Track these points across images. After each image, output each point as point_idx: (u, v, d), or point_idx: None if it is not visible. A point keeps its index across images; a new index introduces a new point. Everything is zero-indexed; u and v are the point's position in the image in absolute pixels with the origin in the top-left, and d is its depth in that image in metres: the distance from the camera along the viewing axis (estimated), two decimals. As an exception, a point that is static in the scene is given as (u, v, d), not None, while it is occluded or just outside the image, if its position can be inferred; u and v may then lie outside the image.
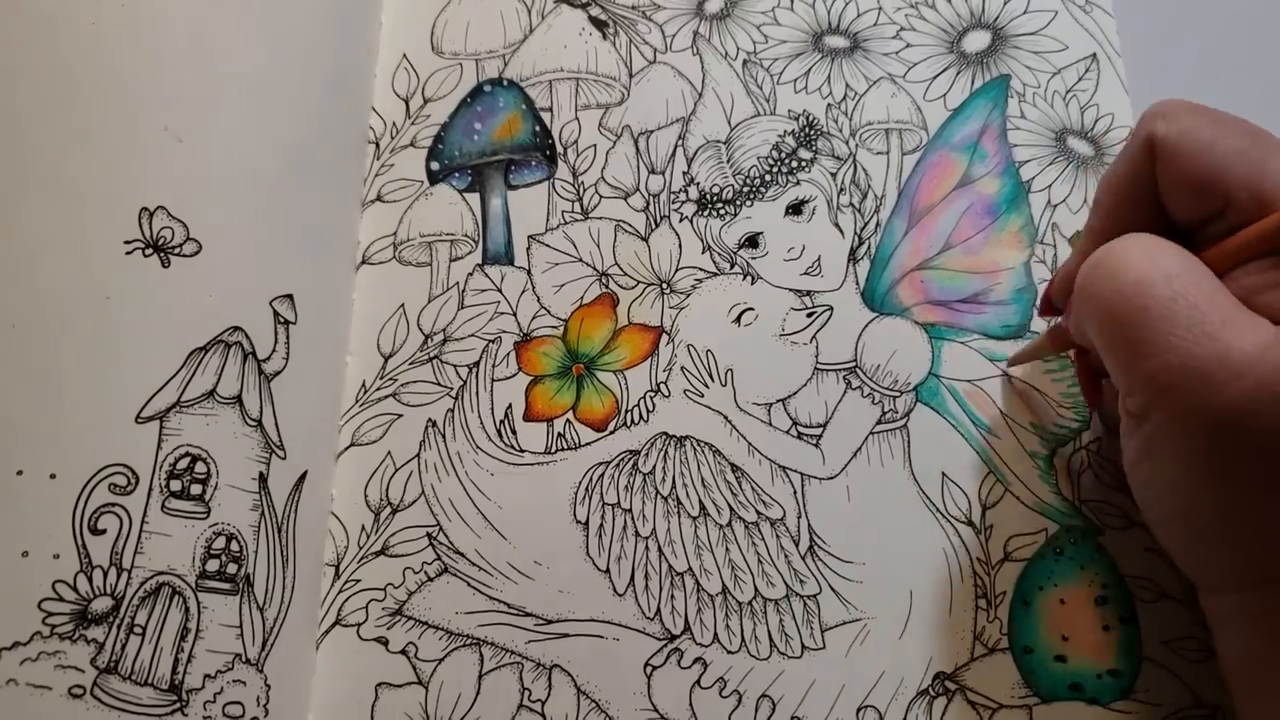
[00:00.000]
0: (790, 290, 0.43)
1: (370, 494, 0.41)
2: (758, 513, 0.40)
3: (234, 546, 0.35)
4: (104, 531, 0.33)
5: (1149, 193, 0.32)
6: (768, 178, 0.45)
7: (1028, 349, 0.40)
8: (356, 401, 0.42)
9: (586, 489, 0.40)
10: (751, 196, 0.45)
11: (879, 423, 0.41)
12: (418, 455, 0.41)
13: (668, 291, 0.43)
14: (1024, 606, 0.38)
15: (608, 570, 0.39)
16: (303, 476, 0.39)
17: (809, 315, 0.42)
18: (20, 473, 0.32)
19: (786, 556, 0.39)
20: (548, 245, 0.44)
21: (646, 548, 0.39)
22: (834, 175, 0.45)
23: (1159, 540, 0.32)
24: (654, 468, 0.40)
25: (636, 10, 0.48)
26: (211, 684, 0.34)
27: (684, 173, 0.45)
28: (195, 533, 0.35)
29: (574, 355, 0.42)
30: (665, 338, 0.42)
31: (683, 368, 0.42)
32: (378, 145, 0.47)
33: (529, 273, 0.44)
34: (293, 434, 0.38)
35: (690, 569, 0.39)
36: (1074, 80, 0.46)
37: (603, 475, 0.40)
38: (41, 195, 0.36)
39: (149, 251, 0.36)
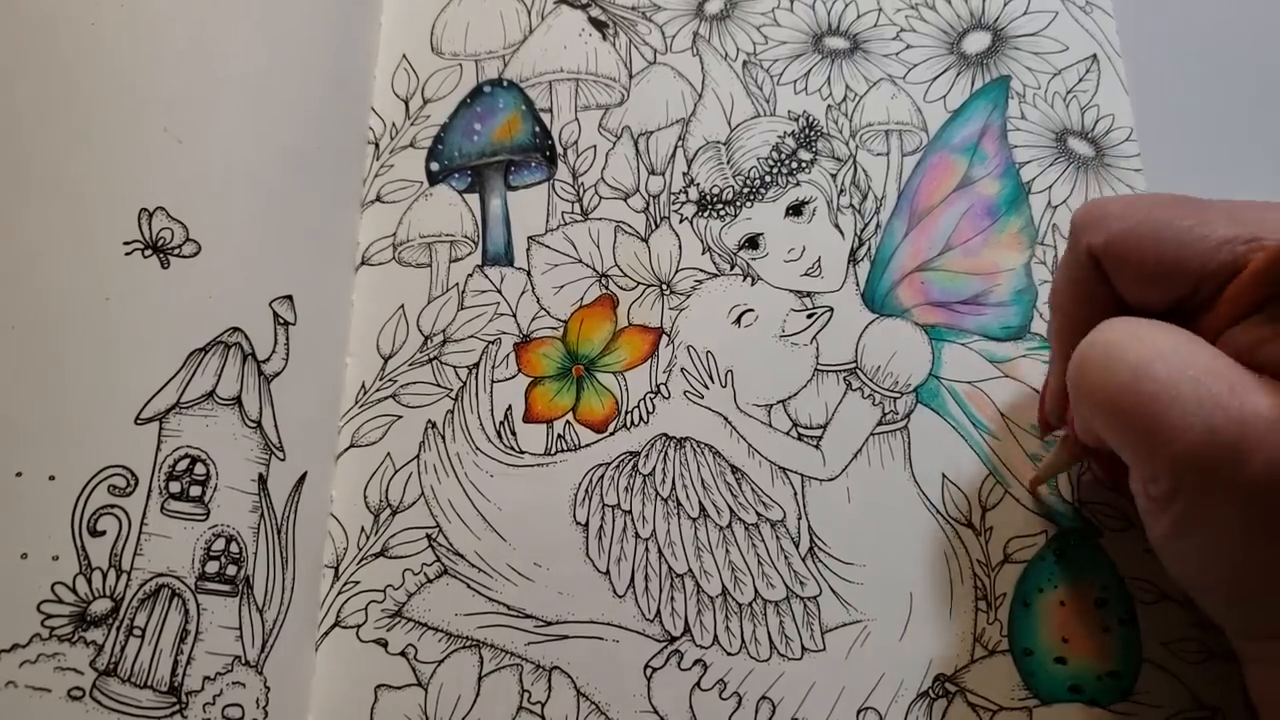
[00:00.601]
0: (790, 291, 0.43)
1: (370, 495, 0.41)
2: (758, 514, 0.40)
3: (233, 548, 0.35)
4: (103, 533, 0.33)
5: (1105, 299, 0.32)
6: (768, 179, 0.45)
7: (1047, 467, 0.38)
8: (356, 403, 0.42)
9: (586, 490, 0.40)
10: (751, 197, 0.45)
11: (879, 424, 0.41)
12: (417, 456, 0.41)
13: (668, 292, 0.43)
14: (1024, 608, 0.38)
15: (607, 572, 0.39)
16: (302, 478, 0.39)
17: (809, 316, 0.42)
18: (19, 474, 0.32)
19: (786, 558, 0.39)
20: (547, 246, 0.44)
21: (646, 549, 0.39)
22: (834, 176, 0.45)
23: (1197, 600, 0.32)
24: (654, 469, 0.40)
25: (636, 11, 0.48)
26: (211, 686, 0.34)
27: (684, 174, 0.45)
28: (195, 534, 0.35)
29: (574, 356, 0.42)
30: (665, 339, 0.42)
31: (683, 369, 0.42)
32: (377, 146, 0.46)
33: (529, 274, 0.44)
34: (292, 435, 0.38)
35: (690, 570, 0.39)
36: (1074, 81, 0.46)
37: (602, 477, 0.40)
38: (41, 196, 0.36)
39: (148, 252, 0.36)
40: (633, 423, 0.41)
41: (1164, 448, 0.27)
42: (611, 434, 0.41)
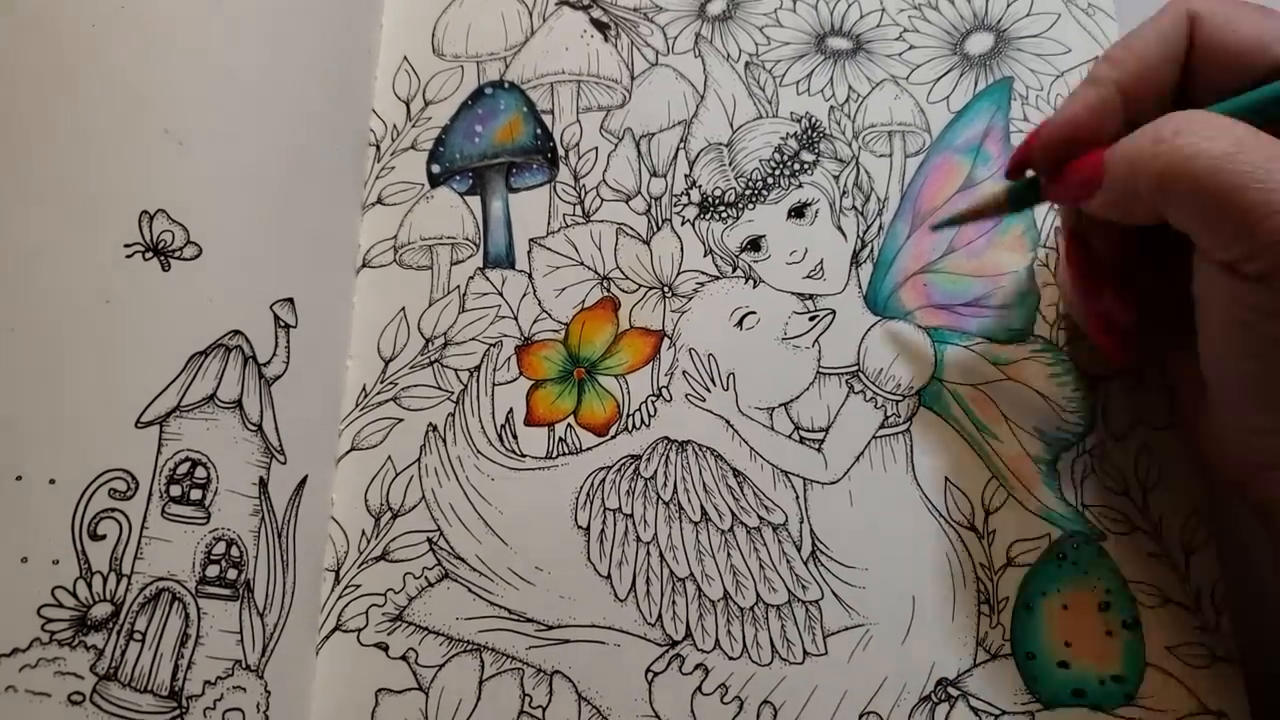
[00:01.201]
0: (792, 294, 0.43)
1: (371, 499, 0.41)
2: (760, 518, 0.40)
3: (234, 552, 0.35)
4: (104, 537, 0.33)
5: (1179, 57, 0.34)
6: (770, 180, 0.45)
7: (975, 206, 0.39)
8: (357, 406, 0.42)
9: (588, 494, 0.40)
10: (754, 199, 0.44)
11: (881, 427, 0.41)
12: (418, 460, 0.41)
13: (669, 295, 0.43)
14: (1027, 612, 0.38)
15: (609, 576, 0.39)
16: (303, 481, 0.38)
17: (811, 319, 0.42)
18: (20, 478, 0.32)
19: (789, 562, 0.39)
20: (549, 249, 0.44)
21: (648, 553, 0.39)
22: (837, 178, 0.45)
23: (1247, 417, 0.32)
24: (655, 473, 0.40)
25: (638, 12, 0.48)
26: (211, 690, 0.34)
27: (686, 175, 0.45)
28: (195, 538, 0.34)
29: (575, 359, 0.42)
30: (667, 342, 0.42)
31: (684, 372, 0.42)
32: (378, 148, 0.46)
33: (530, 276, 0.44)
34: (293, 438, 0.38)
35: (692, 574, 0.39)
36: (1077, 83, 0.46)
37: (604, 480, 0.40)
38: (42, 198, 0.35)
39: (149, 255, 0.36)
40: (634, 426, 0.41)
41: (1265, 221, 0.28)
42: (613, 437, 0.41)
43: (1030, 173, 0.36)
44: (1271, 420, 0.32)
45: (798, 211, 0.44)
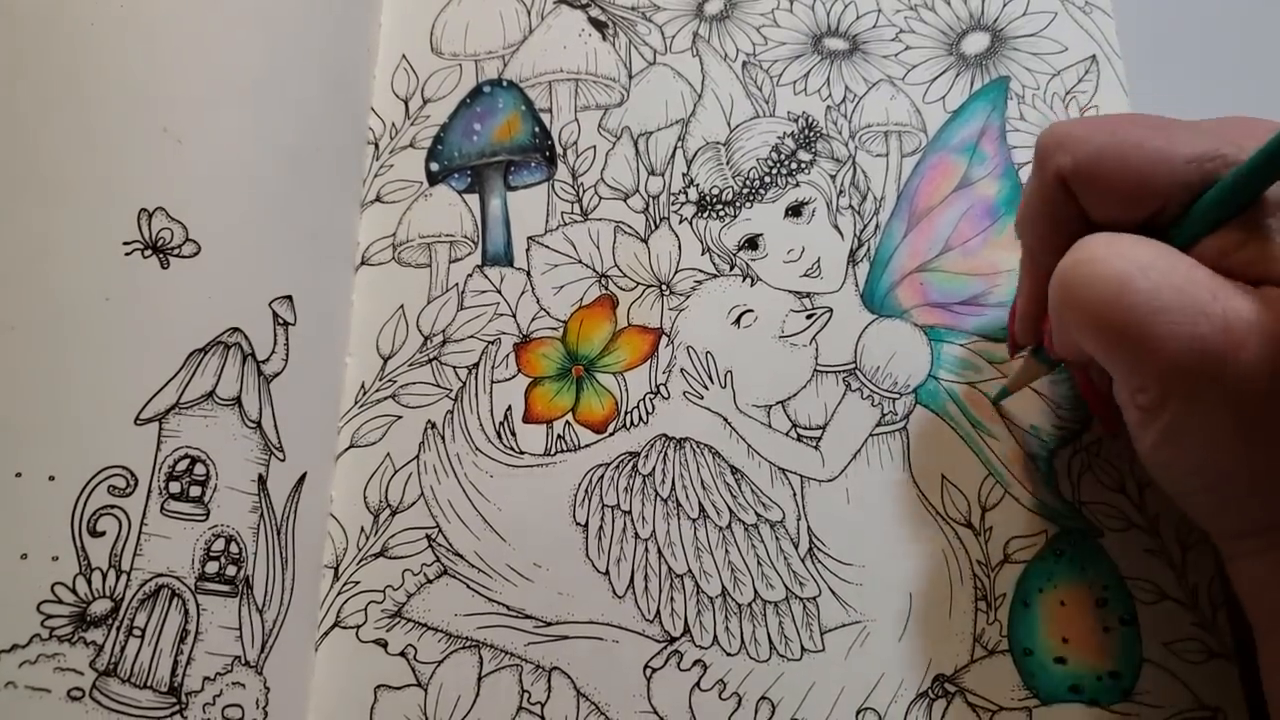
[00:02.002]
0: (790, 292, 0.43)
1: (369, 496, 0.41)
2: (757, 515, 0.40)
3: (233, 548, 0.35)
4: (103, 533, 0.33)
5: (1074, 220, 0.32)
6: (767, 179, 0.45)
7: (1016, 380, 0.39)
8: (356, 403, 0.42)
9: (586, 491, 0.40)
10: (751, 198, 0.45)
11: (878, 425, 0.41)
12: (417, 457, 0.41)
13: (667, 293, 0.43)
14: (1024, 608, 0.38)
15: (607, 572, 0.39)
16: (302, 478, 0.39)
17: (808, 317, 0.42)
18: (19, 474, 0.32)
19: (786, 558, 0.39)
20: (547, 246, 0.44)
21: (646, 550, 0.39)
22: (833, 177, 0.45)
23: (1184, 507, 0.32)
24: (653, 469, 0.40)
25: (636, 11, 0.48)
26: (211, 686, 0.34)
27: (683, 174, 0.45)
28: (194, 535, 0.35)
29: (573, 357, 0.42)
30: (665, 339, 0.42)
31: (682, 369, 0.42)
32: (377, 146, 0.46)
33: (528, 274, 0.44)
34: (292, 435, 0.38)
35: (690, 571, 0.39)
36: (1073, 82, 0.46)
37: (602, 477, 0.40)
38: (41, 196, 0.35)
39: (148, 252, 0.36)
40: (632, 423, 0.41)
41: (1151, 356, 0.28)
42: (611, 434, 0.41)
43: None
44: (1190, 516, 0.33)
45: (795, 210, 0.44)
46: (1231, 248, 0.29)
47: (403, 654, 0.38)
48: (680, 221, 0.44)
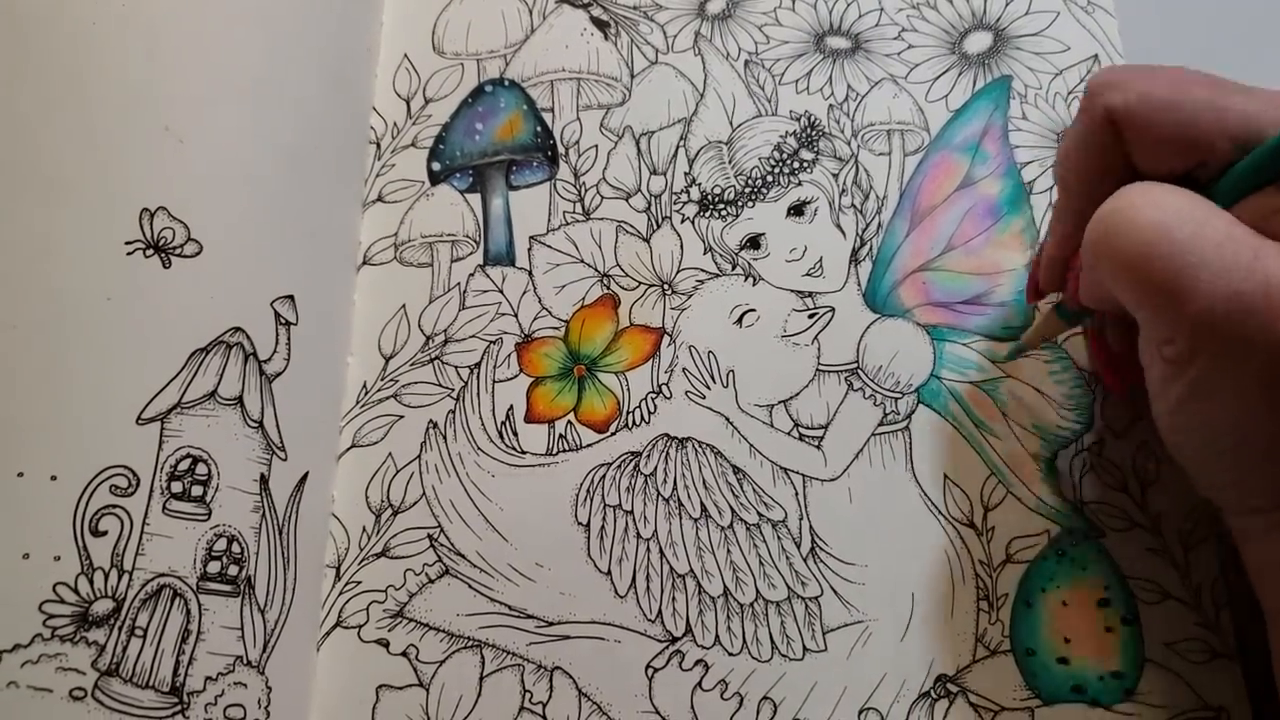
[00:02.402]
0: (792, 291, 0.43)
1: (371, 495, 0.41)
2: (759, 514, 0.40)
3: (235, 548, 0.35)
4: (105, 533, 0.33)
5: (1118, 163, 0.32)
6: (769, 178, 0.45)
7: (1033, 334, 0.40)
8: (357, 403, 0.42)
9: (588, 491, 0.40)
10: (753, 197, 0.45)
11: (881, 424, 0.41)
12: (419, 457, 0.41)
13: (669, 292, 0.43)
14: (1026, 608, 0.38)
15: (609, 572, 0.39)
16: (304, 478, 0.38)
17: (810, 316, 0.42)
18: (21, 474, 0.32)
19: (788, 558, 0.39)
20: (549, 246, 0.44)
21: (648, 549, 0.39)
22: (836, 176, 0.45)
23: (1197, 477, 0.32)
24: (655, 469, 0.40)
25: (638, 10, 0.48)
26: (213, 686, 0.34)
27: (685, 173, 0.45)
28: (196, 534, 0.35)
29: (575, 356, 0.42)
30: (667, 339, 0.42)
31: (684, 369, 0.42)
32: (379, 145, 0.46)
33: (530, 274, 0.44)
34: (294, 435, 0.38)
35: (692, 571, 0.39)
36: (1076, 81, 0.46)
37: (604, 477, 0.40)
38: (42, 196, 0.35)
39: (150, 252, 0.36)
40: (634, 423, 0.41)
41: (1187, 306, 0.27)
42: (613, 434, 0.41)
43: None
44: (1203, 489, 0.32)
45: (797, 209, 0.44)
46: (1272, 211, 0.28)
47: (404, 654, 0.38)
48: (682, 221, 0.44)
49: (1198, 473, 0.32)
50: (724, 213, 0.44)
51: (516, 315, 0.43)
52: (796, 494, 0.40)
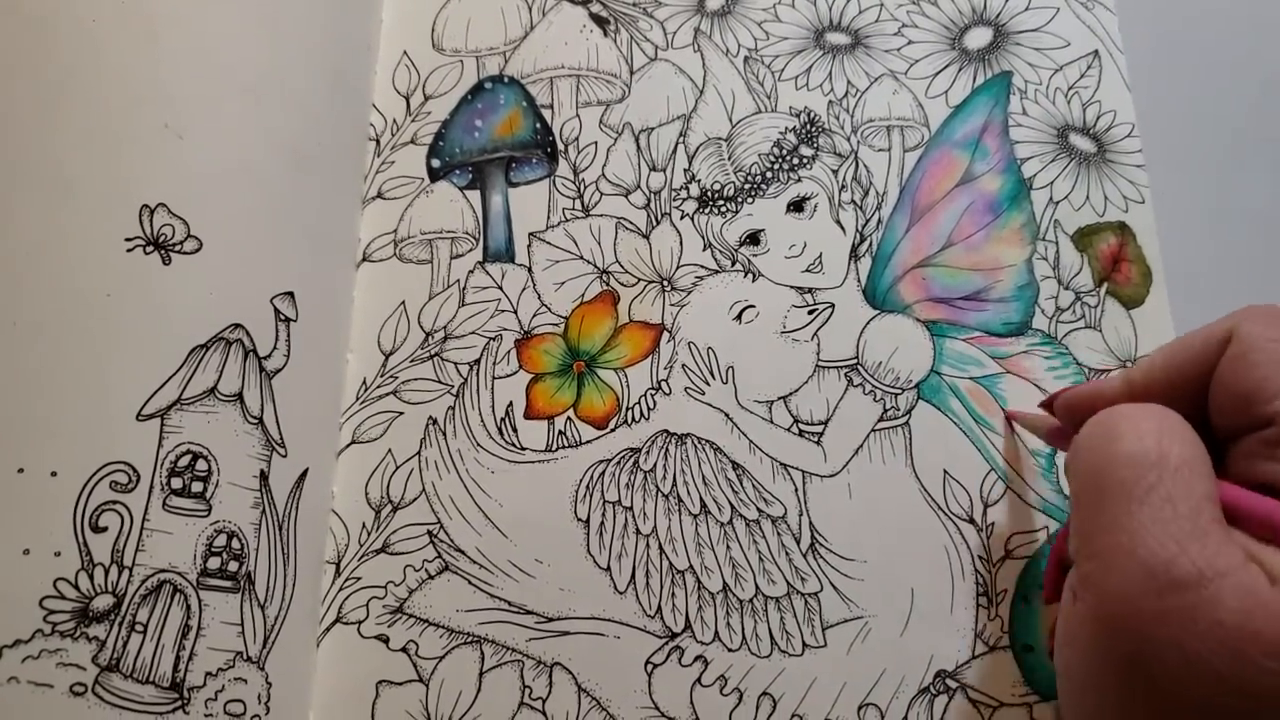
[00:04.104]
0: (792, 287, 0.43)
1: (371, 491, 0.41)
2: (759, 510, 0.40)
3: (235, 544, 0.35)
4: (105, 529, 0.33)
5: (1203, 380, 0.30)
6: (769, 175, 0.45)
7: (1032, 421, 0.38)
8: (357, 399, 0.42)
9: (587, 487, 0.40)
10: (753, 193, 0.45)
11: (880, 420, 0.41)
12: (418, 453, 0.41)
13: (669, 289, 0.43)
14: (1025, 604, 0.38)
15: (608, 568, 0.39)
16: (304, 474, 0.39)
17: (810, 312, 0.42)
18: (21, 470, 0.32)
19: (788, 554, 0.39)
20: (548, 243, 0.44)
21: (647, 545, 0.39)
22: (835, 172, 0.45)
23: None
24: (655, 465, 0.40)
25: (637, 7, 0.48)
26: (213, 681, 0.34)
27: (685, 170, 0.45)
28: (196, 530, 0.35)
29: (575, 353, 0.42)
30: (666, 335, 0.42)
31: (684, 365, 0.42)
32: (378, 142, 0.46)
33: (530, 270, 0.44)
34: (294, 431, 0.38)
35: (691, 567, 0.39)
36: (1076, 77, 0.46)
37: (603, 473, 0.40)
38: (42, 193, 0.35)
39: (150, 249, 0.36)
40: (634, 419, 0.41)
41: (1102, 535, 0.26)
42: (612, 430, 0.41)
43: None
44: None
45: (797, 206, 0.44)
46: (1259, 448, 0.27)
47: (404, 649, 0.38)
48: (682, 217, 0.44)
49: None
50: (723, 209, 0.44)
51: (516, 312, 0.43)
52: (796, 490, 0.40)
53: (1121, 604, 0.25)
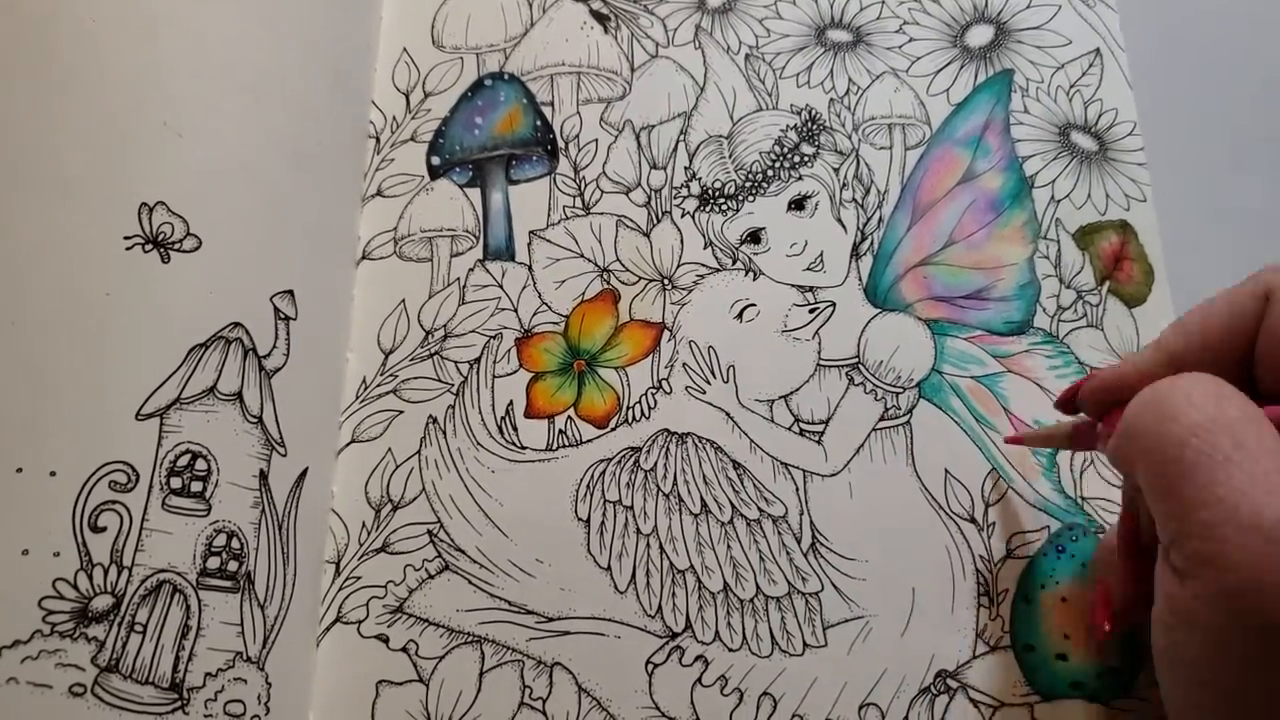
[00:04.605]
0: (792, 286, 0.43)
1: (371, 491, 0.41)
2: (759, 510, 0.40)
3: (234, 544, 0.35)
4: (104, 529, 0.33)
5: (1242, 341, 0.30)
6: (770, 173, 0.45)
7: (1041, 435, 0.38)
8: (357, 398, 0.42)
9: (588, 486, 0.40)
10: (754, 192, 0.44)
11: (881, 419, 0.41)
12: (418, 452, 0.41)
13: (669, 287, 0.43)
14: (1026, 604, 0.38)
15: (609, 568, 0.39)
16: (303, 473, 0.38)
17: (811, 311, 0.42)
18: (20, 470, 0.32)
19: (788, 554, 0.39)
20: (549, 241, 0.44)
21: (648, 545, 0.39)
22: (837, 170, 0.45)
23: (1169, 703, 0.29)
24: (655, 465, 0.40)
25: (638, 4, 0.48)
26: (212, 682, 0.34)
27: (686, 168, 0.45)
28: (196, 530, 0.34)
29: (575, 351, 0.42)
30: (667, 334, 0.42)
31: (684, 364, 0.42)
32: (378, 140, 0.46)
33: (530, 268, 0.44)
34: (293, 431, 0.38)
35: (692, 566, 0.39)
36: (1077, 75, 0.46)
37: (604, 472, 0.40)
38: (41, 191, 0.35)
39: (149, 247, 0.36)
40: (634, 418, 0.41)
41: (1200, 511, 0.25)
42: (613, 429, 0.41)
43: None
44: None
45: (798, 204, 0.44)
46: None
47: (404, 649, 0.38)
48: (682, 215, 0.44)
49: (1167, 700, 0.29)
50: (724, 207, 0.44)
51: (516, 310, 0.43)
52: (797, 489, 0.40)
53: (1248, 571, 0.24)
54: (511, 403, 0.42)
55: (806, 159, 0.45)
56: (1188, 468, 0.26)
